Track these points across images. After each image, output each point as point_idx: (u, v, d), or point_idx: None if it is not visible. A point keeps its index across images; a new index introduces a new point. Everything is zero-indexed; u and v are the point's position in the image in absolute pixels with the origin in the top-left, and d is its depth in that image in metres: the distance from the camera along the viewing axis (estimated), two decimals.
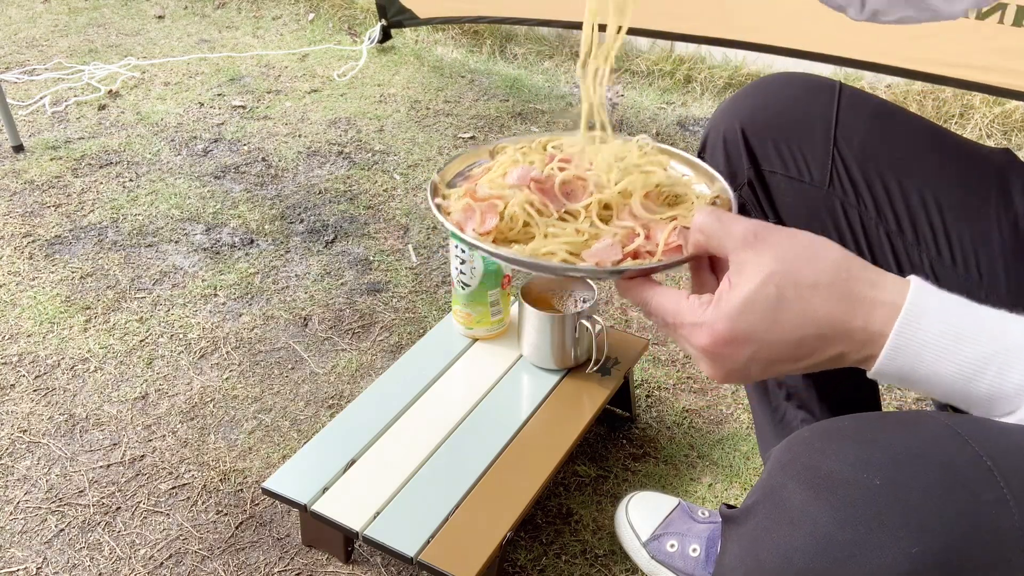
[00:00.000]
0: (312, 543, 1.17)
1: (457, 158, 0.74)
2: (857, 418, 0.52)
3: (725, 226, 0.55)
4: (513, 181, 0.66)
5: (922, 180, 0.82)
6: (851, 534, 0.46)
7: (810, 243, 0.53)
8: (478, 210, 0.65)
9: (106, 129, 2.31)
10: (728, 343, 0.53)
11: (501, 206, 0.65)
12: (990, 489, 0.45)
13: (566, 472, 1.29)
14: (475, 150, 0.75)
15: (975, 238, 0.80)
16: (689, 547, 1.09)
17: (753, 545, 0.50)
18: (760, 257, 0.52)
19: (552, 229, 0.63)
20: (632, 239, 0.62)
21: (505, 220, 0.64)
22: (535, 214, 0.63)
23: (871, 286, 0.51)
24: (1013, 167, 0.83)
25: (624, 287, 0.60)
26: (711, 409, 1.41)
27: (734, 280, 0.53)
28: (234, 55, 2.78)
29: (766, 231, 0.53)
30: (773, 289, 0.51)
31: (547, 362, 1.25)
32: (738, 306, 0.52)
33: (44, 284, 1.70)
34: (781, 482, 0.50)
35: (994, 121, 2.23)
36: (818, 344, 0.52)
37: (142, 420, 1.39)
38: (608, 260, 0.60)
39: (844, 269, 0.51)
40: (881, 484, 0.46)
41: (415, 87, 2.55)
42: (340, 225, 1.89)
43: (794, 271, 0.51)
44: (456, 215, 0.66)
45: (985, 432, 0.48)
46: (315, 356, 1.52)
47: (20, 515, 1.23)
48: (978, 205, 0.81)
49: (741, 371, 0.54)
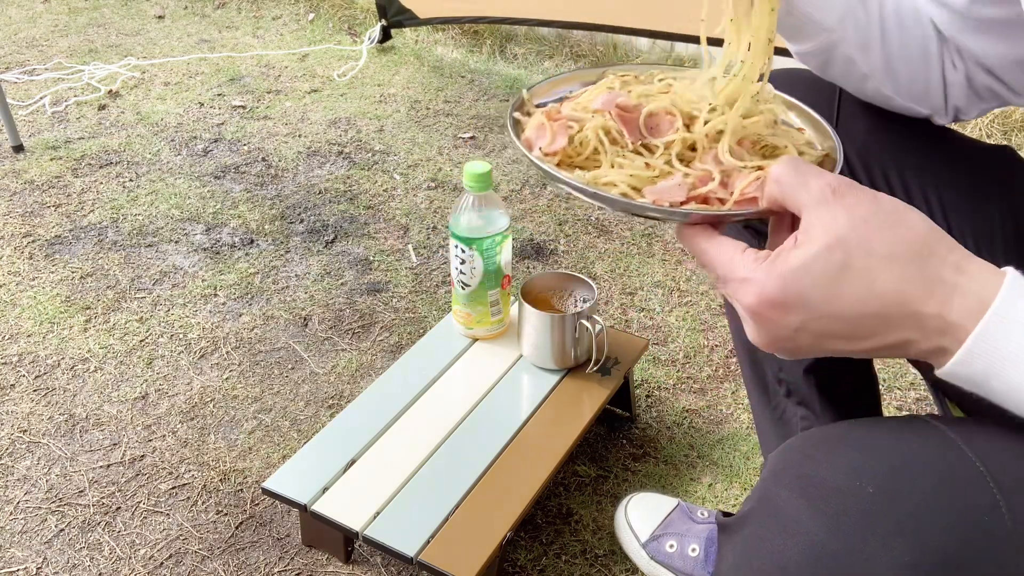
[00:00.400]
0: (312, 543, 1.17)
1: (557, 78, 0.68)
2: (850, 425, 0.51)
3: (803, 177, 0.48)
4: (598, 106, 0.60)
5: (923, 178, 0.82)
6: (844, 543, 0.45)
7: (894, 209, 0.47)
8: (549, 129, 0.60)
9: (106, 129, 2.31)
10: (775, 306, 0.47)
11: (575, 128, 0.60)
12: (983, 495, 0.44)
13: (566, 472, 1.29)
14: (580, 72, 0.69)
15: (977, 236, 0.80)
16: (688, 547, 1.09)
17: (747, 554, 0.50)
18: (834, 217, 0.46)
19: (620, 160, 0.58)
20: (705, 183, 0.56)
21: (574, 144, 0.59)
22: (607, 142, 0.58)
23: (956, 270, 0.45)
24: (1014, 164, 0.83)
25: (682, 233, 0.54)
26: (711, 409, 1.41)
27: (800, 238, 0.47)
28: (234, 55, 2.78)
29: (847, 188, 0.47)
30: (840, 254, 0.45)
31: (547, 362, 1.25)
32: (796, 267, 0.46)
33: (44, 284, 1.70)
34: (774, 490, 0.50)
35: (994, 121, 2.23)
36: (879, 325, 0.46)
37: (142, 420, 1.39)
38: (669, 200, 0.54)
39: (928, 245, 0.45)
40: (874, 492, 0.45)
41: (415, 87, 2.55)
42: (340, 225, 1.89)
43: (869, 238, 0.45)
44: (528, 132, 0.62)
45: (977, 437, 0.47)
46: (315, 356, 1.52)
47: (20, 515, 1.23)
48: (979, 203, 0.81)
49: (788, 340, 0.49)
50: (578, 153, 0.60)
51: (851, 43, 0.74)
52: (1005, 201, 0.80)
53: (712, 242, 0.52)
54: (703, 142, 0.58)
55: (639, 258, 1.77)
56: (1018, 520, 0.44)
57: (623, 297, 1.66)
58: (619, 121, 0.59)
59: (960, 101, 0.79)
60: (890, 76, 0.77)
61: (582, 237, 1.84)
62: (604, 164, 0.58)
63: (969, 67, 0.77)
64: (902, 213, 0.47)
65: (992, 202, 0.81)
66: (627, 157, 0.58)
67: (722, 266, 0.51)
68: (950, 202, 0.81)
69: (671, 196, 0.55)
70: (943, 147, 0.83)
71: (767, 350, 0.51)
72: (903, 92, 0.78)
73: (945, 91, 0.79)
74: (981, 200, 0.81)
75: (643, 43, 2.68)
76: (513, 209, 1.94)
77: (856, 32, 0.74)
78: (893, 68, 0.77)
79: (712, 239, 0.52)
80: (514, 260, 1.76)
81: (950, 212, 0.81)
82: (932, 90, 0.78)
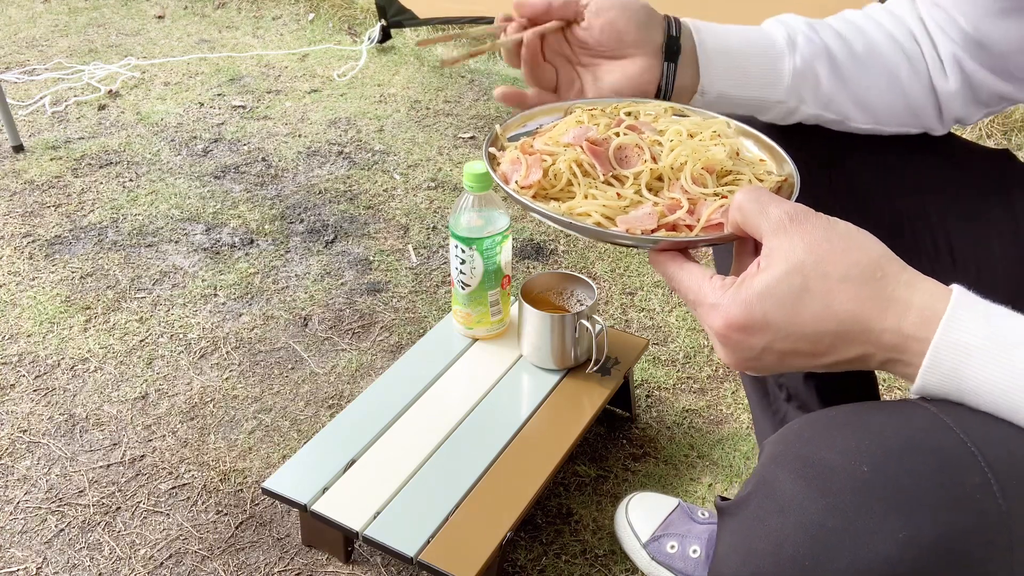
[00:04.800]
0: (312, 543, 1.17)
1: (527, 114, 0.72)
2: (847, 408, 0.52)
3: (763, 207, 0.52)
4: (569, 140, 0.64)
5: (922, 181, 0.82)
6: (840, 521, 0.46)
7: (847, 234, 0.50)
8: (524, 163, 0.64)
9: (106, 129, 2.31)
10: (741, 329, 0.51)
11: (549, 162, 0.63)
12: (975, 474, 0.45)
13: (566, 472, 1.29)
14: (547, 107, 0.73)
15: (975, 239, 0.80)
16: (689, 548, 1.09)
17: (746, 535, 0.51)
18: (792, 243, 0.50)
19: (593, 191, 0.61)
20: (674, 211, 0.59)
21: (548, 176, 0.63)
22: (580, 174, 0.62)
23: (907, 287, 0.48)
24: (1013, 168, 0.83)
25: (654, 259, 0.58)
26: (711, 409, 1.41)
27: (762, 264, 0.51)
28: (234, 55, 2.78)
29: (803, 216, 0.51)
30: (799, 279, 0.49)
31: (547, 362, 1.25)
32: (758, 292, 0.50)
33: (44, 284, 1.70)
34: (773, 472, 0.50)
35: (994, 121, 2.23)
36: (838, 342, 0.50)
37: (142, 420, 1.39)
38: (640, 228, 0.58)
39: (880, 267, 0.49)
40: (869, 471, 0.46)
41: (415, 87, 2.55)
42: (340, 225, 1.89)
43: (825, 262, 0.49)
44: (504, 166, 0.65)
45: (970, 420, 0.48)
46: (315, 356, 1.52)
47: (20, 515, 1.23)
48: (978, 206, 0.81)
49: (754, 360, 0.52)
50: (552, 185, 0.63)
51: (810, 103, 0.76)
52: (1003, 205, 0.80)
53: (682, 269, 0.56)
54: (669, 173, 0.62)
55: (639, 258, 1.77)
56: (1009, 498, 0.45)
57: (623, 297, 1.66)
58: (590, 154, 0.63)
59: (960, 111, 0.79)
60: (867, 114, 0.78)
61: (582, 237, 1.84)
62: (578, 195, 0.62)
63: (974, 77, 0.76)
64: (855, 237, 0.50)
65: (990, 206, 0.81)
66: (599, 188, 0.62)
67: (691, 292, 0.54)
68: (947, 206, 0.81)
69: (642, 224, 0.58)
70: (942, 151, 0.83)
71: (735, 368, 0.54)
72: (886, 122, 0.79)
73: (939, 106, 0.78)
74: (979, 204, 0.81)
75: None
76: (513, 209, 1.94)
77: (812, 92, 0.75)
78: (867, 106, 0.77)
79: (682, 266, 0.56)
80: (514, 260, 1.76)
81: (947, 216, 0.81)
82: (919, 111, 0.78)
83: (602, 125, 0.67)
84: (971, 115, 0.79)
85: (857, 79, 0.76)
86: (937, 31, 0.76)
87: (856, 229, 0.51)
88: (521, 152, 0.65)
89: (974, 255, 0.80)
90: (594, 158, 0.63)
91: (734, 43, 0.73)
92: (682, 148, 0.63)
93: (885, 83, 0.76)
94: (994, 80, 0.76)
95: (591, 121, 0.68)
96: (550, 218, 0.59)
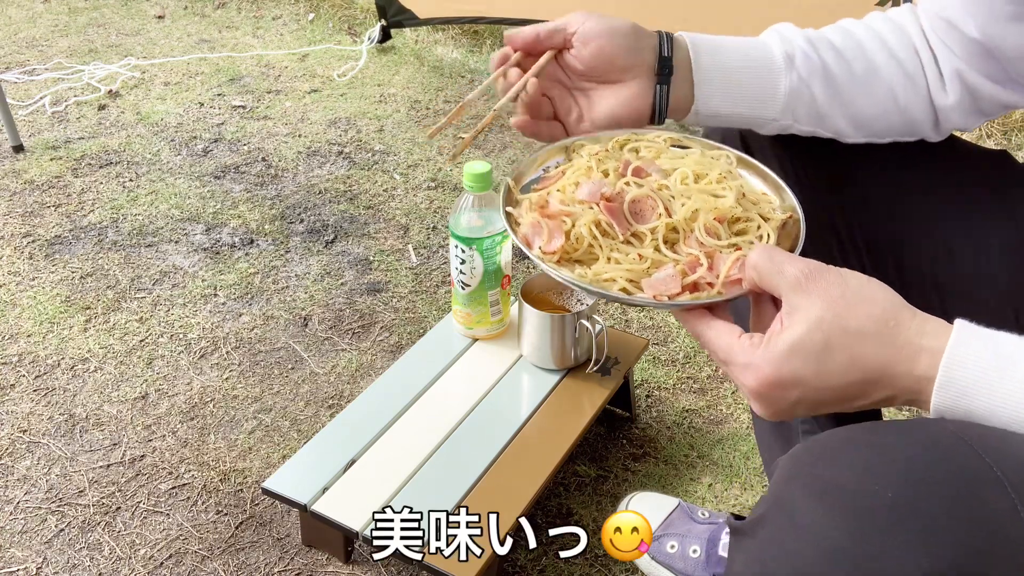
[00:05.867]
0: (312, 543, 1.17)
1: (532, 158, 0.75)
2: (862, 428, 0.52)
3: (777, 266, 0.56)
4: (584, 197, 0.67)
5: (920, 182, 0.82)
6: (862, 546, 0.45)
7: (859, 287, 0.54)
8: (546, 228, 0.66)
9: (106, 129, 2.31)
10: (775, 386, 0.54)
11: (569, 224, 0.66)
12: (1001, 498, 0.45)
13: (566, 472, 1.29)
14: (550, 148, 0.75)
15: (974, 240, 0.80)
16: (689, 548, 1.09)
17: (762, 557, 0.50)
18: (811, 301, 0.53)
19: (615, 254, 0.65)
20: (694, 268, 0.63)
21: (571, 240, 0.65)
22: (600, 235, 0.65)
23: (918, 333, 0.52)
24: (1012, 169, 0.83)
25: (682, 317, 0.61)
26: (711, 409, 1.41)
27: (785, 322, 0.54)
28: (234, 55, 2.78)
29: (818, 273, 0.54)
30: (820, 335, 0.52)
31: (547, 362, 1.25)
32: (786, 351, 0.53)
33: (44, 284, 1.70)
34: (789, 493, 0.50)
35: (994, 121, 2.23)
36: (865, 388, 0.53)
37: (142, 420, 1.39)
38: (666, 292, 0.62)
39: (892, 316, 0.52)
40: (892, 495, 0.45)
41: (415, 87, 2.55)
42: (340, 225, 1.89)
43: (842, 317, 0.52)
44: (524, 229, 0.68)
45: (990, 440, 0.47)
46: (315, 356, 1.52)
47: (20, 515, 1.23)
48: (976, 207, 0.81)
49: (788, 411, 0.56)
50: (575, 248, 0.65)
51: (804, 121, 0.76)
52: (1001, 206, 0.80)
53: (711, 327, 0.59)
54: (683, 224, 0.66)
55: None
56: None
57: None
58: (607, 213, 0.66)
59: (959, 122, 0.78)
60: (862, 130, 0.77)
61: None
62: (601, 258, 0.65)
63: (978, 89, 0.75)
64: (867, 289, 0.54)
65: (988, 207, 0.80)
66: (620, 250, 0.65)
67: (722, 351, 0.57)
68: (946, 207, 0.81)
69: (667, 288, 0.62)
70: (940, 152, 0.83)
71: (771, 419, 0.57)
72: (882, 134, 0.78)
73: (936, 120, 0.78)
74: (977, 205, 0.81)
75: None
76: None
77: (805, 111, 0.75)
78: (862, 124, 0.77)
79: (710, 325, 0.59)
80: (514, 260, 1.76)
81: (946, 217, 0.81)
82: (915, 125, 0.78)
83: (611, 170, 0.70)
84: (970, 124, 0.79)
85: (852, 98, 0.76)
86: (940, 45, 0.75)
87: (867, 280, 0.54)
88: (539, 214, 0.67)
89: (973, 256, 0.80)
90: (611, 216, 0.65)
91: (731, 60, 0.73)
92: (692, 202, 0.66)
93: (882, 101, 0.76)
94: (998, 90, 0.75)
95: (599, 166, 0.70)
96: (578, 287, 0.63)
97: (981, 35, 0.72)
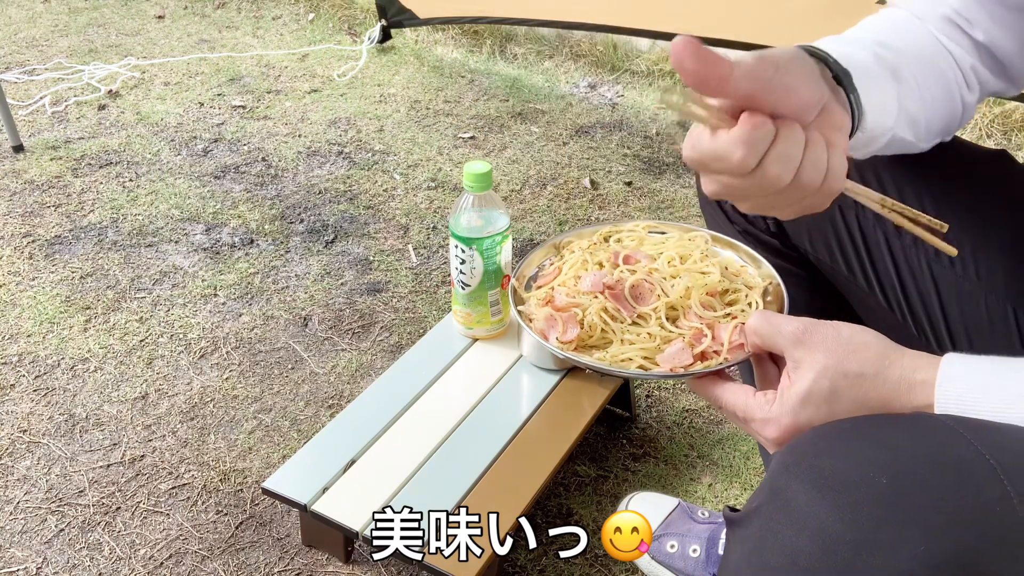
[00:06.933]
0: (312, 543, 1.17)
1: (526, 260, 0.82)
2: (858, 420, 0.53)
3: (775, 327, 0.61)
4: (587, 288, 0.75)
5: (919, 182, 0.82)
6: (857, 534, 0.46)
7: (851, 336, 0.58)
8: (560, 320, 0.73)
9: (106, 129, 2.31)
10: (794, 433, 0.58)
11: (580, 314, 0.73)
12: (994, 486, 0.45)
13: (566, 472, 1.29)
14: (540, 249, 0.83)
15: (974, 240, 0.80)
16: (689, 548, 1.09)
17: (758, 547, 0.50)
18: (812, 353, 0.58)
19: (627, 336, 0.72)
20: (699, 339, 0.70)
21: (585, 328, 0.72)
22: (610, 320, 0.73)
23: (911, 369, 0.56)
24: (1011, 169, 0.83)
25: (696, 385, 0.67)
26: (711, 409, 1.41)
27: (793, 376, 0.59)
28: (234, 55, 2.78)
29: (813, 327, 0.59)
30: (826, 382, 0.57)
31: (547, 362, 1.25)
32: (799, 402, 0.58)
33: (44, 284, 1.70)
34: (785, 483, 0.50)
35: (994, 121, 2.23)
36: None
37: (142, 420, 1.39)
38: (680, 364, 0.69)
39: (885, 356, 0.57)
40: (888, 484, 0.46)
41: (415, 87, 2.55)
42: (340, 225, 1.89)
43: (843, 363, 0.57)
44: (539, 323, 0.74)
45: (985, 431, 0.48)
46: (315, 356, 1.52)
47: (20, 515, 1.23)
48: (976, 207, 0.81)
49: None
50: (590, 335, 0.73)
51: (903, 127, 0.71)
52: (1001, 206, 0.80)
53: (725, 390, 0.64)
54: (680, 302, 0.74)
55: None
56: None
57: None
58: (612, 300, 0.74)
59: (970, 119, 0.79)
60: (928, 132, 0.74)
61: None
62: (615, 342, 0.72)
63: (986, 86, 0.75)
64: (858, 336, 0.59)
65: (988, 207, 0.80)
66: (629, 331, 0.72)
67: (739, 410, 0.62)
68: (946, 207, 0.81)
69: (680, 361, 0.69)
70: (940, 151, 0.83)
71: None
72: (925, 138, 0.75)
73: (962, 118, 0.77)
74: (977, 205, 0.81)
75: (643, 43, 2.68)
76: (513, 209, 1.94)
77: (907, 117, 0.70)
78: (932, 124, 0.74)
79: (723, 387, 0.65)
80: (514, 260, 1.76)
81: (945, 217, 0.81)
82: (951, 124, 0.76)
83: (605, 260, 0.78)
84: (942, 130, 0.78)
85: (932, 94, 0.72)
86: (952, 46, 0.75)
87: (859, 329, 0.59)
88: (552, 309, 0.74)
89: (972, 255, 0.80)
90: (616, 302, 0.73)
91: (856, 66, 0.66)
92: (683, 280, 0.75)
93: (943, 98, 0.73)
94: (994, 80, 0.76)
95: (593, 259, 0.78)
96: (601, 371, 0.70)
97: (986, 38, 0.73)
